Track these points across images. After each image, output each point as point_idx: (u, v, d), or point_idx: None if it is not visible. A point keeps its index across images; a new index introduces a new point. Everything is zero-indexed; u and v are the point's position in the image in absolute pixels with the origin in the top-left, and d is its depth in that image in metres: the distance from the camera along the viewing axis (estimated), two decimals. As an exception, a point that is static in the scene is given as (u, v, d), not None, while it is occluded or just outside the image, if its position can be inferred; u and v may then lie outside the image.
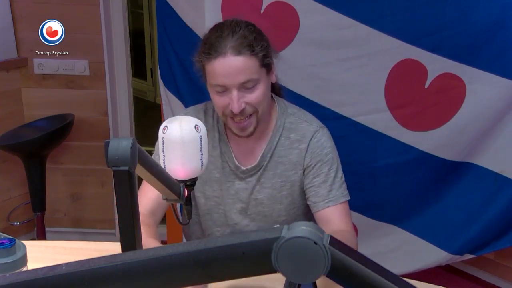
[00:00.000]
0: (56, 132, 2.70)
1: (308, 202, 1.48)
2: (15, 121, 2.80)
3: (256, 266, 0.56)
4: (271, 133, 1.47)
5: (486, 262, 2.57)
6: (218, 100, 1.37)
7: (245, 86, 1.33)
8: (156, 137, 1.10)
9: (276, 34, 1.81)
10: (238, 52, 1.30)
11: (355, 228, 2.47)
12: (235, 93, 1.32)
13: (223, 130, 1.48)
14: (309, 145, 1.45)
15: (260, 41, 1.34)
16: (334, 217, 1.42)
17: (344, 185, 1.49)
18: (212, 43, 1.33)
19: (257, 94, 1.35)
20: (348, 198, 1.48)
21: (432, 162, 2.30)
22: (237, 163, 1.47)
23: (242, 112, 1.35)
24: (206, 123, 1.47)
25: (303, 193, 1.49)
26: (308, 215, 1.54)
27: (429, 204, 2.41)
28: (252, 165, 1.47)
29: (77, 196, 3.05)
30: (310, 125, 1.48)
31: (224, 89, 1.34)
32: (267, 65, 1.37)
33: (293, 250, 0.54)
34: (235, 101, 1.32)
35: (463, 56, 2.13)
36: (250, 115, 1.37)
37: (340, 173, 1.48)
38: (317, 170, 1.45)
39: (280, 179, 1.47)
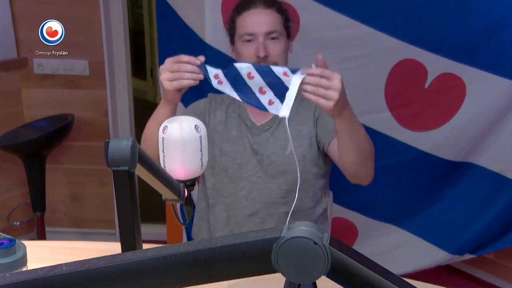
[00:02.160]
0: (56, 132, 2.70)
1: (323, 142, 1.58)
2: (15, 121, 2.80)
3: (256, 266, 0.56)
4: None
5: (486, 262, 2.57)
6: (245, 49, 1.54)
7: (270, 36, 1.53)
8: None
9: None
10: (267, 6, 1.55)
11: (355, 228, 2.49)
12: (261, 39, 1.52)
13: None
14: None
15: (284, 6, 1.60)
16: None
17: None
18: (244, 1, 1.57)
19: (278, 46, 1.54)
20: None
21: (432, 162, 2.30)
22: (252, 120, 1.65)
23: (265, 58, 1.52)
24: (228, 96, 1.62)
25: (312, 146, 1.61)
26: (316, 168, 1.64)
27: (429, 204, 2.41)
28: (266, 121, 1.63)
29: (77, 196, 3.05)
30: None
31: (252, 38, 1.53)
32: (287, 29, 1.59)
33: (293, 250, 0.54)
34: (261, 46, 1.51)
35: (463, 56, 2.13)
36: None
37: None
38: (327, 118, 1.54)
39: (292, 132, 1.57)
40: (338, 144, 1.46)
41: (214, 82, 1.35)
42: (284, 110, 1.30)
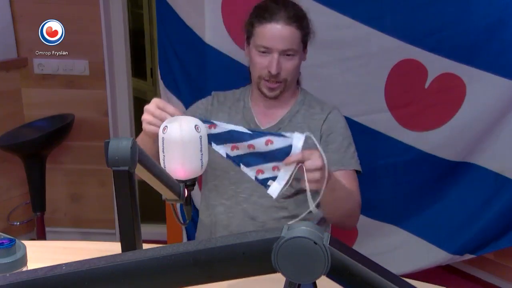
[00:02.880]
0: (56, 132, 2.70)
1: None
2: (15, 121, 2.80)
3: (256, 266, 0.56)
4: (292, 105, 1.63)
5: (486, 262, 2.57)
6: (259, 60, 1.53)
7: (286, 53, 1.50)
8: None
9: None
10: (289, 23, 1.49)
11: (355, 228, 2.48)
12: (276, 56, 1.50)
13: (248, 100, 1.66)
14: (328, 117, 1.61)
15: (306, 20, 1.55)
16: (343, 180, 1.53)
17: (356, 158, 1.60)
18: (267, 10, 1.52)
19: (292, 64, 1.53)
20: (359, 169, 1.59)
21: (432, 162, 2.30)
22: (257, 122, 1.62)
23: (276, 75, 1.52)
24: (233, 94, 1.69)
25: None
26: None
27: (429, 204, 2.41)
28: (271, 125, 1.61)
29: (77, 196, 3.05)
30: (327, 104, 1.67)
31: (267, 51, 1.50)
32: (305, 43, 1.56)
33: (293, 250, 0.54)
34: (275, 63, 1.50)
35: (463, 56, 2.13)
36: (280, 81, 1.55)
37: (353, 148, 1.61)
38: (332, 139, 1.59)
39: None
40: (322, 203, 1.43)
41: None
42: (274, 188, 1.23)
